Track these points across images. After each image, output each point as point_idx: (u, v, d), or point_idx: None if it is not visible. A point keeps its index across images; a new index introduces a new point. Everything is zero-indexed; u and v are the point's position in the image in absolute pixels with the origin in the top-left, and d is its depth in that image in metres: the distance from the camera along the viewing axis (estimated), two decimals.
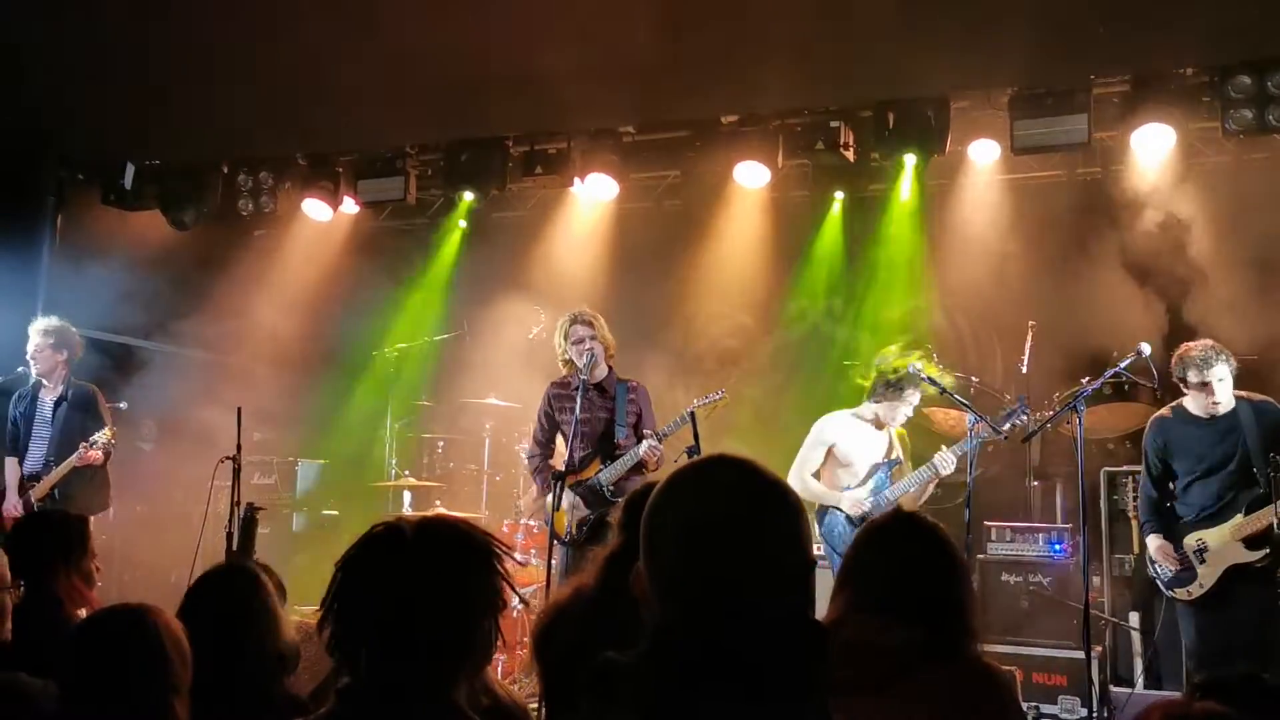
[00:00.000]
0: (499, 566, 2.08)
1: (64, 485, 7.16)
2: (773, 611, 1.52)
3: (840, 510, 6.53)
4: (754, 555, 1.54)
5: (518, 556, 6.98)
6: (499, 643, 2.10)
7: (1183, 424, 5.88)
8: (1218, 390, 5.67)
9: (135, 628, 2.51)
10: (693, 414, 5.72)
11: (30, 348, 7.37)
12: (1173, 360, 5.86)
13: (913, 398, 6.53)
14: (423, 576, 2.00)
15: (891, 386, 6.48)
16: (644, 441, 6.30)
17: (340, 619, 2.02)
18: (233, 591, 2.91)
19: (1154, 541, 5.93)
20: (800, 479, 6.57)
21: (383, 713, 1.95)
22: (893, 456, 6.63)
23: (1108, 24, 6.54)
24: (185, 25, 6.83)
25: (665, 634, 1.55)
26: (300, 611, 7.47)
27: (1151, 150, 7.47)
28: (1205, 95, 7.09)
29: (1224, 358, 5.68)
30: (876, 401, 6.58)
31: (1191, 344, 5.82)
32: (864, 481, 6.57)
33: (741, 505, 1.57)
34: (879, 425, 6.63)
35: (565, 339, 6.52)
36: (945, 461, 6.29)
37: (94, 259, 9.29)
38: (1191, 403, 5.87)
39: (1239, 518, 5.62)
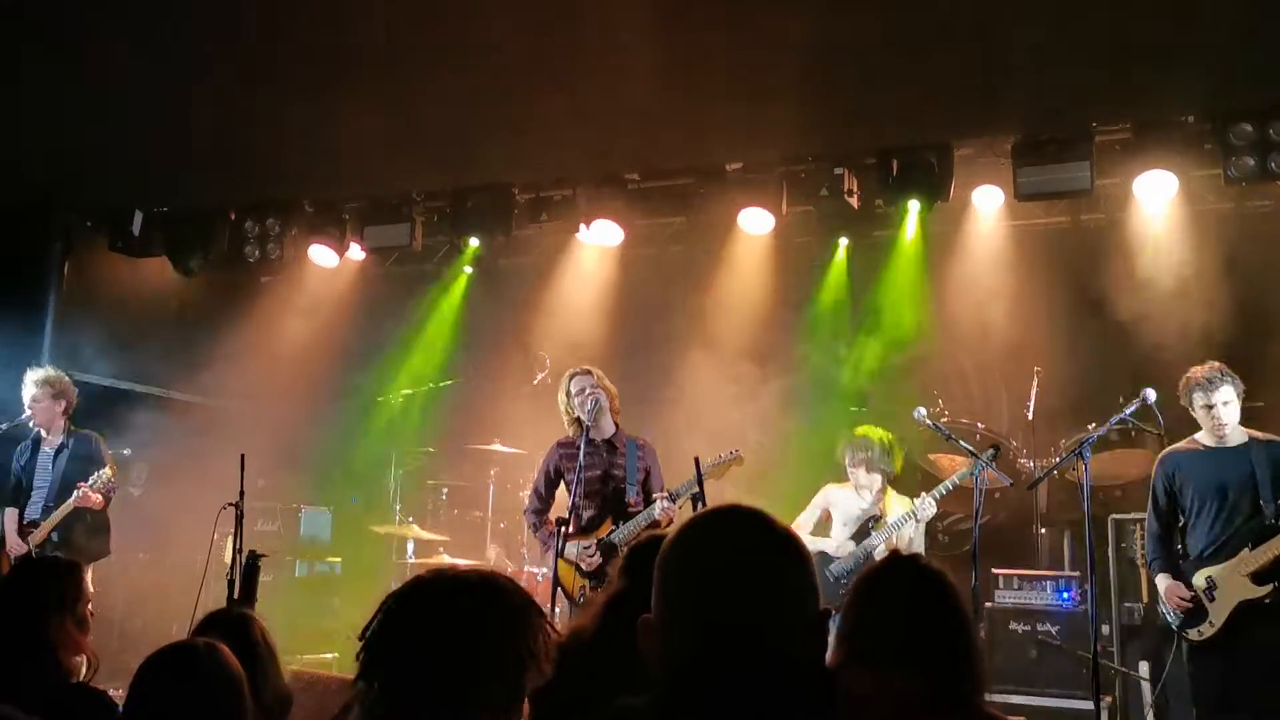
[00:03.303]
0: (544, 627, 2.03)
1: (63, 530, 7.14)
2: (787, 658, 1.52)
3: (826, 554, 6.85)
4: (770, 602, 1.55)
5: None
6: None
7: (1193, 456, 5.82)
8: (1223, 413, 5.65)
9: (213, 665, 2.42)
10: (698, 463, 5.68)
11: (27, 399, 7.37)
12: (1180, 386, 5.83)
13: (852, 462, 7.00)
14: (476, 625, 1.94)
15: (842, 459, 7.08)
16: (658, 503, 6.30)
17: (377, 663, 1.96)
18: (237, 635, 2.86)
19: (1163, 582, 5.83)
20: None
21: None
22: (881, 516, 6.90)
23: (1109, 71, 6.59)
24: (190, 73, 6.88)
25: (679, 679, 1.54)
26: (302, 660, 7.43)
27: (1154, 197, 7.49)
28: (1207, 142, 7.12)
29: (1229, 380, 5.68)
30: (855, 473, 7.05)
31: (1197, 367, 5.80)
32: (854, 535, 6.89)
33: (758, 553, 1.59)
34: (871, 486, 7.00)
35: (568, 396, 6.56)
36: (924, 507, 6.64)
37: (101, 306, 9.35)
38: (1203, 435, 5.84)
39: (1245, 552, 5.53)
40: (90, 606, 3.36)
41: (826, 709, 1.52)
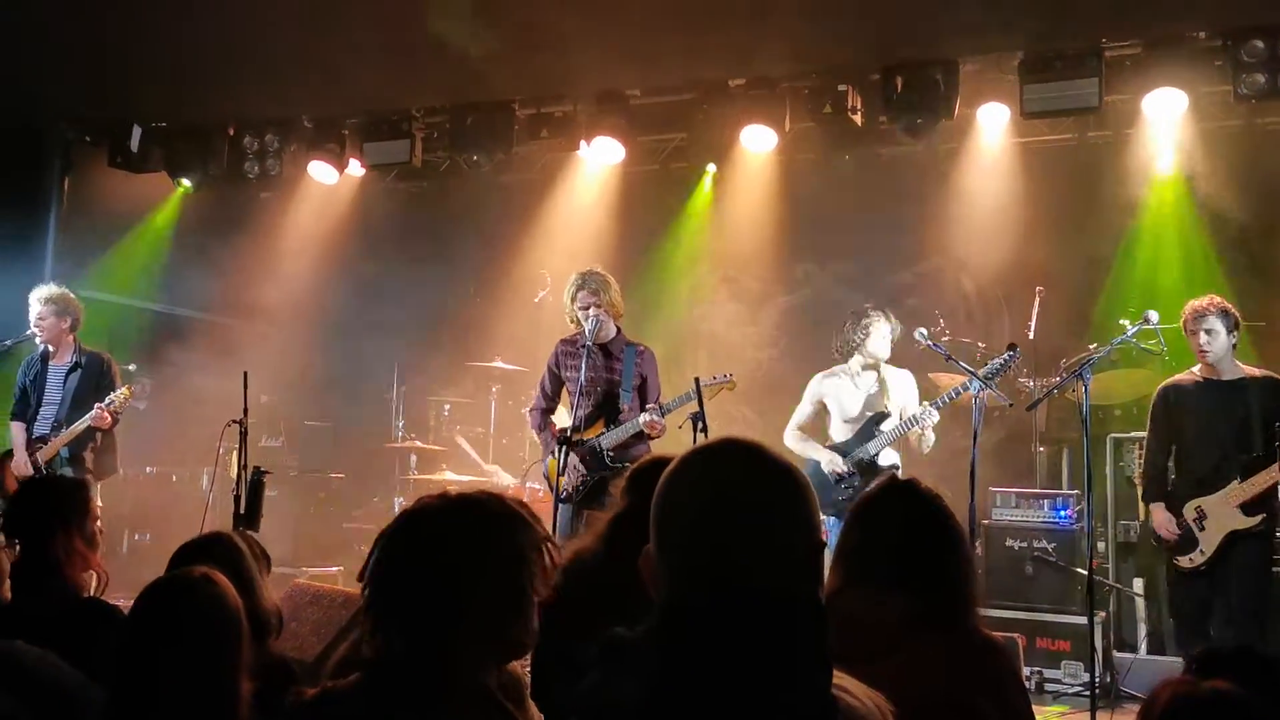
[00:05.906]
0: (546, 548, 2.05)
1: (73, 447, 7.18)
2: (781, 594, 1.53)
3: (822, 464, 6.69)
4: (763, 541, 1.55)
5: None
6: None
7: (1191, 388, 5.90)
8: (1205, 341, 5.70)
9: (209, 595, 2.35)
10: (698, 384, 5.70)
11: (33, 317, 7.36)
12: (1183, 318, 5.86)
13: (873, 331, 6.64)
14: (469, 554, 1.97)
15: (845, 340, 6.72)
16: (646, 413, 6.28)
17: (378, 593, 2.00)
18: (209, 560, 2.87)
19: (1156, 512, 5.95)
20: (792, 434, 6.94)
21: (412, 691, 1.93)
22: (883, 407, 6.68)
23: None
24: None
25: (673, 613, 1.56)
26: (307, 574, 7.54)
27: (1163, 114, 7.40)
28: (1217, 59, 7.01)
29: (1216, 313, 5.69)
30: (844, 358, 6.79)
31: (1199, 299, 5.83)
32: (857, 433, 6.70)
33: (752, 491, 1.58)
34: (865, 370, 6.76)
35: (572, 301, 6.49)
36: (929, 414, 6.42)
37: (101, 221, 9.31)
38: (1201, 367, 5.90)
39: (1235, 483, 5.64)
40: (100, 524, 3.40)
41: (820, 647, 1.53)
